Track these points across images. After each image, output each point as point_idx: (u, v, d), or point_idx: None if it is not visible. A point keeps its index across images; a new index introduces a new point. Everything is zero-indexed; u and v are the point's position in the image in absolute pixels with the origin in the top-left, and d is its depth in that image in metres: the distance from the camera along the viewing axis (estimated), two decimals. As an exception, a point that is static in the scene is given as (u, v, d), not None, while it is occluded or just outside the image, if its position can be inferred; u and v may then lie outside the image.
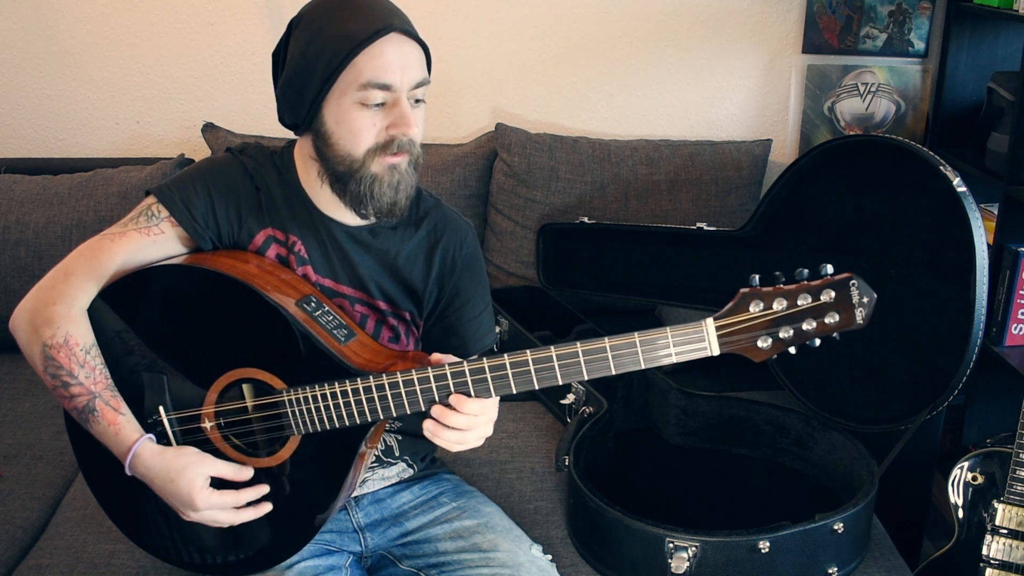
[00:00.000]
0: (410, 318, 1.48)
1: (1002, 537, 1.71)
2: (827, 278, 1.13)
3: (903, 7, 2.54)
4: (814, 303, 1.13)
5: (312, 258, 1.42)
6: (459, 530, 1.49)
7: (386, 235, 1.45)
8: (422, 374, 1.24)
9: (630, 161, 2.45)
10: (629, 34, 2.57)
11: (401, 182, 1.35)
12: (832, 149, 1.87)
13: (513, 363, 1.21)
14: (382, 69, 1.28)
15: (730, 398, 1.98)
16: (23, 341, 1.35)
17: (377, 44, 1.28)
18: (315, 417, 1.30)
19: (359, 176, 1.33)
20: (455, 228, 1.50)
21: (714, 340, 1.18)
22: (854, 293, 1.12)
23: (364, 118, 1.30)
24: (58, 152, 2.63)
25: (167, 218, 1.38)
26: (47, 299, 1.33)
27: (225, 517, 1.33)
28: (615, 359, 1.19)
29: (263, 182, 1.42)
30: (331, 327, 1.33)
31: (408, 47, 1.31)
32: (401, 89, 1.30)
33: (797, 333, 1.14)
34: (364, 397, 1.27)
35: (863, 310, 1.12)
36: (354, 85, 1.28)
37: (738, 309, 1.16)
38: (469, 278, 1.51)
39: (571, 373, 1.20)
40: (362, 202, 1.35)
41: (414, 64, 1.31)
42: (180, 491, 1.30)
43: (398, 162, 1.33)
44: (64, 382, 1.30)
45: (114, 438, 1.31)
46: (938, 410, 1.73)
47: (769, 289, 1.15)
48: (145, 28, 2.52)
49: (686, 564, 1.53)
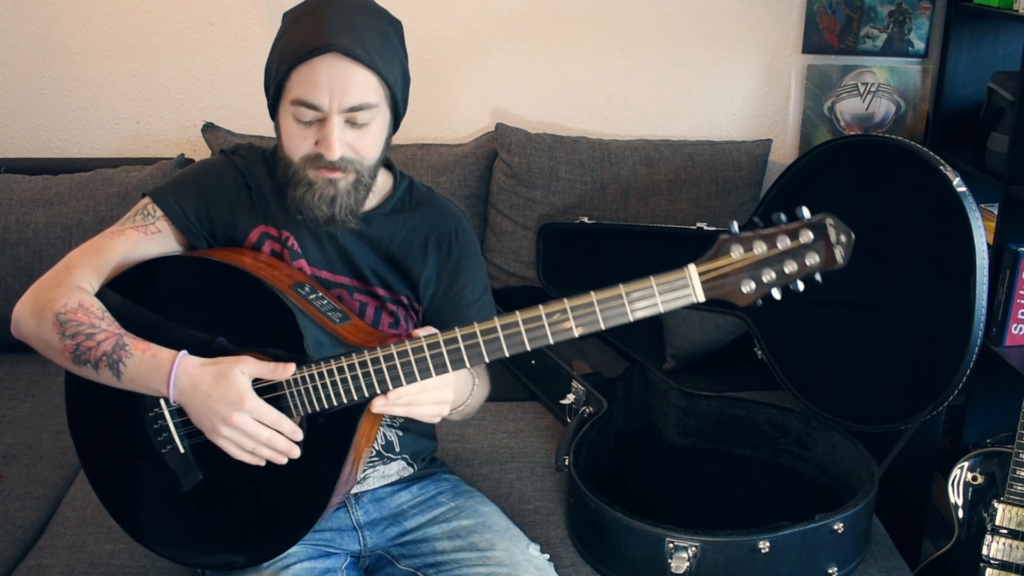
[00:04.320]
0: (407, 302, 1.49)
1: (1002, 537, 1.71)
2: (803, 220, 1.14)
3: (903, 7, 2.54)
4: (793, 244, 1.14)
5: (306, 251, 1.44)
6: (457, 529, 1.49)
7: (379, 222, 1.47)
8: (415, 343, 1.25)
9: (630, 161, 2.45)
10: (629, 34, 2.57)
11: (338, 198, 1.35)
12: (832, 149, 1.87)
13: (504, 325, 1.22)
14: (311, 89, 1.29)
15: (730, 398, 1.98)
16: (31, 325, 1.33)
17: (312, 63, 1.28)
18: (312, 397, 1.30)
19: (295, 181, 1.35)
20: (448, 214, 1.52)
21: (698, 286, 1.18)
22: (831, 232, 1.13)
23: (297, 130, 1.33)
24: (58, 152, 2.63)
25: (162, 217, 1.41)
26: (51, 286, 1.34)
27: (262, 433, 1.27)
28: (603, 312, 1.19)
29: (254, 180, 1.45)
30: (326, 310, 1.35)
31: (348, 70, 1.29)
32: (329, 111, 1.30)
33: (779, 275, 1.16)
34: (360, 372, 1.27)
35: (842, 249, 1.13)
36: (288, 99, 1.32)
37: (719, 254, 1.17)
38: (467, 261, 1.52)
39: (561, 331, 1.20)
40: (299, 209, 1.37)
41: (350, 88, 1.29)
42: (228, 392, 1.25)
43: (334, 178, 1.34)
44: (87, 334, 1.29)
45: (151, 362, 1.28)
46: (938, 410, 1.73)
47: (748, 234, 1.16)
48: (145, 28, 2.52)
49: (686, 564, 1.53)
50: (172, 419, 1.36)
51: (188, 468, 1.37)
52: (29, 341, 1.35)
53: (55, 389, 2.19)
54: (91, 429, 1.44)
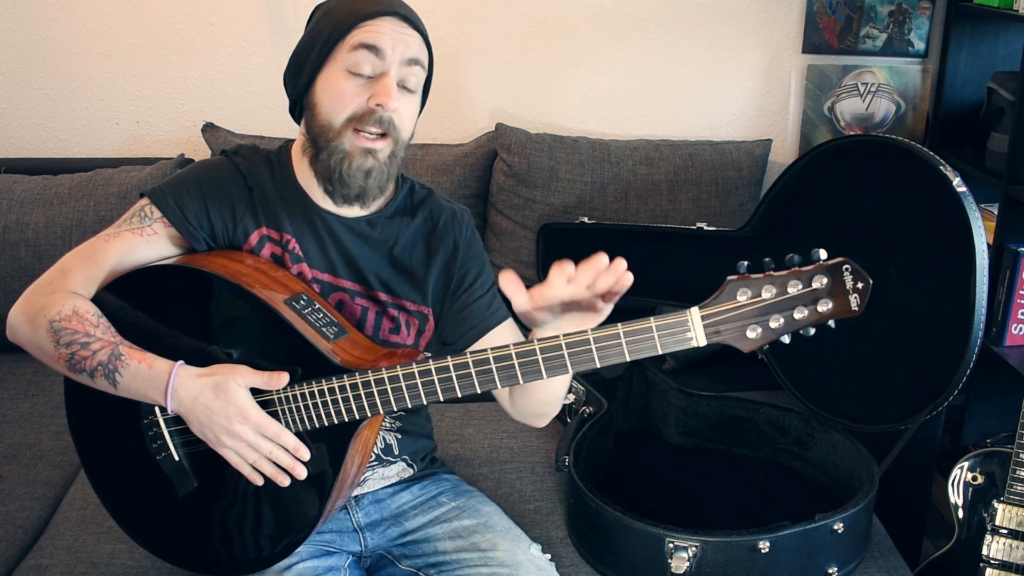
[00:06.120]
0: (412, 307, 1.48)
1: (1002, 537, 1.71)
2: (819, 263, 1.07)
3: (903, 7, 2.54)
4: (805, 290, 1.07)
5: (308, 254, 1.43)
6: (458, 530, 1.49)
7: (383, 225, 1.46)
8: (407, 370, 1.24)
9: (630, 161, 2.45)
10: (629, 34, 2.57)
11: (374, 170, 1.36)
12: (832, 149, 1.87)
13: (497, 358, 1.19)
14: (374, 35, 1.32)
15: (730, 398, 1.98)
16: (25, 332, 1.33)
17: (375, 20, 1.33)
18: (303, 415, 1.30)
19: (332, 147, 1.35)
20: (450, 213, 1.52)
21: (700, 330, 1.11)
22: (848, 279, 1.06)
23: (349, 86, 1.33)
24: (58, 152, 2.63)
25: (160, 219, 1.40)
26: (46, 291, 1.33)
27: (264, 446, 1.27)
28: (599, 351, 1.15)
29: (256, 182, 1.44)
30: (320, 324, 1.33)
31: (407, 30, 1.36)
32: (391, 60, 1.33)
33: (788, 322, 1.09)
34: (351, 394, 1.27)
35: (858, 297, 1.06)
36: (346, 48, 1.33)
37: (725, 297, 1.10)
38: (473, 257, 1.52)
39: (555, 367, 1.17)
40: (331, 178, 1.36)
41: (410, 43, 1.35)
42: (228, 404, 1.24)
43: (375, 148, 1.34)
44: (82, 343, 1.28)
45: (148, 373, 1.27)
46: (938, 410, 1.73)
47: (758, 276, 1.09)
48: (145, 28, 2.52)
49: (686, 564, 1.53)
50: (167, 427, 1.35)
51: (182, 475, 1.37)
52: (25, 347, 1.35)
53: (55, 389, 2.19)
54: (90, 431, 1.44)
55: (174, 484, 1.37)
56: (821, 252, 1.07)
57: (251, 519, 1.37)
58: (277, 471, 1.29)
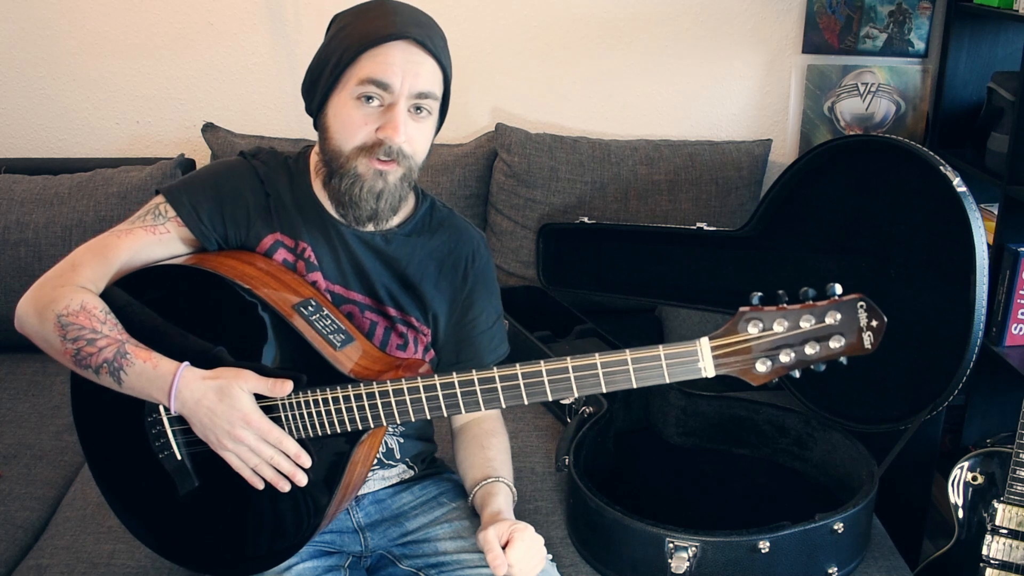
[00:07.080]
0: (417, 324, 1.48)
1: (1002, 537, 1.71)
2: (833, 299, 1.06)
3: (903, 7, 2.54)
4: (818, 325, 1.06)
5: (322, 264, 1.42)
6: (459, 530, 1.49)
7: (399, 242, 1.46)
8: (411, 384, 1.24)
9: (630, 161, 2.45)
10: (629, 34, 2.57)
11: (385, 192, 1.35)
12: (832, 149, 1.87)
13: (502, 376, 1.20)
14: (384, 68, 1.29)
15: (730, 398, 1.98)
16: (33, 324, 1.33)
17: (385, 47, 1.29)
18: (306, 423, 1.29)
19: (343, 172, 1.34)
20: (468, 239, 1.51)
21: (709, 361, 1.11)
22: (862, 316, 1.05)
23: (359, 115, 1.31)
24: (58, 152, 2.63)
25: (174, 218, 1.39)
26: (55, 284, 1.33)
27: (266, 451, 1.26)
28: (606, 377, 1.16)
29: (273, 187, 1.43)
30: (327, 332, 1.32)
31: (420, 57, 1.31)
32: (399, 93, 1.30)
33: (799, 357, 1.08)
34: (355, 405, 1.27)
35: (872, 335, 1.05)
36: (355, 80, 1.30)
37: (736, 329, 1.09)
38: (482, 289, 1.51)
39: (561, 389, 1.18)
40: (343, 202, 1.36)
41: (421, 74, 1.31)
42: (231, 409, 1.24)
43: (387, 170, 1.33)
44: (89, 339, 1.28)
45: (152, 372, 1.27)
46: (938, 410, 1.73)
47: (771, 309, 1.08)
48: (145, 28, 2.52)
49: (686, 564, 1.53)
50: (171, 426, 1.36)
51: (184, 474, 1.37)
52: (32, 338, 1.35)
53: (55, 389, 2.19)
54: (94, 425, 1.44)
55: (175, 482, 1.37)
56: (836, 287, 1.07)
57: (252, 521, 1.37)
58: (278, 476, 1.29)
